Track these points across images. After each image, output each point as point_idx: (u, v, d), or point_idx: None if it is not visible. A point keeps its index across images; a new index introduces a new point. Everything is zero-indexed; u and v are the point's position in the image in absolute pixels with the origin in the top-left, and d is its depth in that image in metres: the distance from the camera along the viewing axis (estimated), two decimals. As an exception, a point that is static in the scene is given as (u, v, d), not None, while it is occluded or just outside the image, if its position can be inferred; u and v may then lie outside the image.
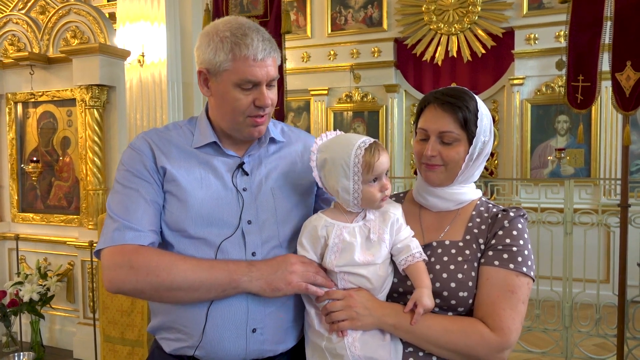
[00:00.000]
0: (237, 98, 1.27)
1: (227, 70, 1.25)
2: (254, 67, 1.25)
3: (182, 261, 1.22)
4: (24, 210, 4.30)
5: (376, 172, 1.23)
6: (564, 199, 3.82)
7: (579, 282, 3.89)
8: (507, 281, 1.21)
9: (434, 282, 1.24)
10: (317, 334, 1.26)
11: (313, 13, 6.73)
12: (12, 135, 4.26)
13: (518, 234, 1.26)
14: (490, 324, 1.19)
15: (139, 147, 1.33)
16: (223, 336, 1.26)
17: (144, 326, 3.26)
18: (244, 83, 1.26)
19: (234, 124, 1.31)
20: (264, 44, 1.26)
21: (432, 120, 1.29)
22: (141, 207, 1.26)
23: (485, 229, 1.29)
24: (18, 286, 3.83)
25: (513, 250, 1.23)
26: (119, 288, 1.23)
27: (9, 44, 4.25)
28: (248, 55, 1.24)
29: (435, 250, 1.28)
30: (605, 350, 3.92)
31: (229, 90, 1.27)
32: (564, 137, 5.70)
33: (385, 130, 6.42)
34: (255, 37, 1.25)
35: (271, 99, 1.30)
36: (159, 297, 1.26)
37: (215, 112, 1.34)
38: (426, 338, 1.20)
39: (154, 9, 4.89)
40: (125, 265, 1.20)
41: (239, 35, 1.25)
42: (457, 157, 1.28)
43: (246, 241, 1.28)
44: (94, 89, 3.81)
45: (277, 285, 1.23)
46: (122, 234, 1.23)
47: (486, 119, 1.29)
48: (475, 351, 1.19)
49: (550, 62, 5.42)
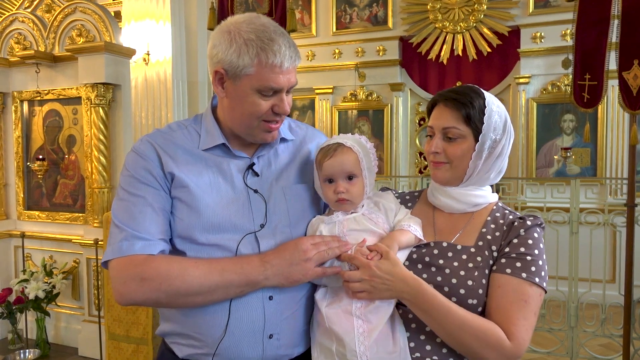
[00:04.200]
0: (256, 103, 1.22)
1: (250, 75, 1.20)
2: (279, 75, 1.20)
3: (194, 267, 1.18)
4: (29, 208, 4.32)
5: (325, 172, 1.28)
6: (570, 199, 3.80)
7: (584, 281, 3.87)
8: (521, 290, 1.18)
9: (442, 287, 1.20)
10: (327, 335, 1.23)
11: (318, 11, 6.72)
12: (18, 134, 4.28)
13: (533, 243, 1.22)
14: (504, 332, 1.15)
15: (143, 151, 1.27)
16: (241, 343, 1.23)
17: (149, 324, 3.27)
18: (265, 90, 1.21)
19: (248, 128, 1.27)
20: (291, 52, 1.21)
21: (437, 117, 1.29)
22: (148, 215, 1.21)
23: (499, 236, 1.25)
24: (24, 284, 3.85)
25: (527, 260, 1.20)
26: (132, 300, 1.19)
27: (15, 43, 4.26)
28: (275, 63, 1.19)
29: (446, 253, 1.25)
30: (611, 350, 3.90)
31: (247, 94, 1.22)
32: (570, 136, 5.67)
33: (390, 129, 6.40)
34: (283, 44, 1.20)
35: (289, 104, 1.26)
36: (176, 304, 1.22)
37: (227, 113, 1.29)
38: (440, 323, 1.16)
39: (159, 7, 4.90)
40: (137, 277, 1.16)
41: (266, 40, 1.19)
42: (461, 154, 1.26)
43: (260, 245, 1.25)
44: (100, 87, 3.82)
45: (294, 277, 1.21)
46: (130, 244, 1.18)
47: (497, 116, 1.27)
48: (486, 353, 1.15)
49: (557, 61, 5.38)
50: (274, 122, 1.27)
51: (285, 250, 1.23)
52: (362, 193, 1.30)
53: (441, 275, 1.22)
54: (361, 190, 1.30)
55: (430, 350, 1.21)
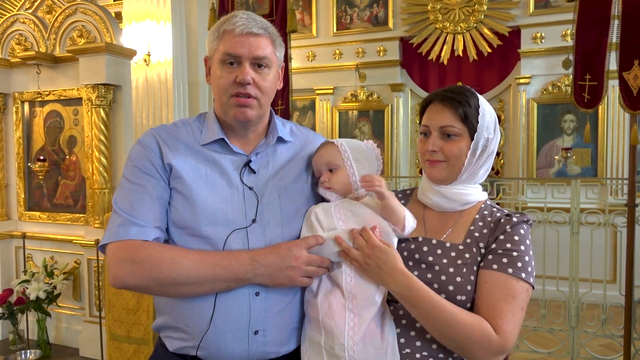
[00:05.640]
0: (220, 75, 1.30)
1: (216, 50, 1.30)
2: (233, 40, 1.27)
3: (185, 257, 1.21)
4: (30, 208, 4.32)
5: (314, 169, 1.39)
6: (571, 199, 3.81)
7: (585, 282, 3.87)
8: (508, 285, 1.19)
9: (432, 283, 1.22)
10: (317, 329, 1.25)
11: (318, 12, 6.72)
12: (19, 134, 4.28)
13: (519, 240, 1.24)
14: (492, 327, 1.17)
15: (146, 142, 1.33)
16: (225, 337, 1.25)
17: (149, 324, 3.27)
18: (225, 57, 1.28)
19: (222, 105, 1.32)
20: (249, 22, 1.29)
21: (433, 116, 1.30)
22: (146, 202, 1.25)
23: (487, 233, 1.27)
24: (25, 284, 3.85)
25: (513, 255, 1.22)
26: (123, 283, 1.23)
27: (16, 44, 4.27)
28: (229, 29, 1.28)
29: (435, 250, 1.27)
30: (611, 350, 3.89)
31: (216, 69, 1.31)
32: (571, 136, 5.67)
33: (390, 129, 6.41)
34: (242, 16, 1.29)
35: (259, 83, 1.29)
36: (165, 292, 1.26)
37: (214, 100, 1.36)
38: (429, 317, 1.18)
39: (159, 8, 4.90)
40: (129, 260, 1.20)
41: (228, 17, 1.31)
42: (458, 152, 1.28)
43: (249, 241, 1.27)
44: (100, 88, 3.82)
45: (280, 281, 1.25)
46: (126, 229, 1.23)
47: (489, 116, 1.29)
48: (473, 348, 1.16)
49: (557, 61, 5.37)
50: (241, 95, 1.29)
51: (277, 253, 1.24)
52: (347, 183, 1.33)
53: (431, 272, 1.24)
54: (345, 180, 1.33)
55: (421, 346, 1.23)
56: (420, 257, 1.27)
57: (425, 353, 1.22)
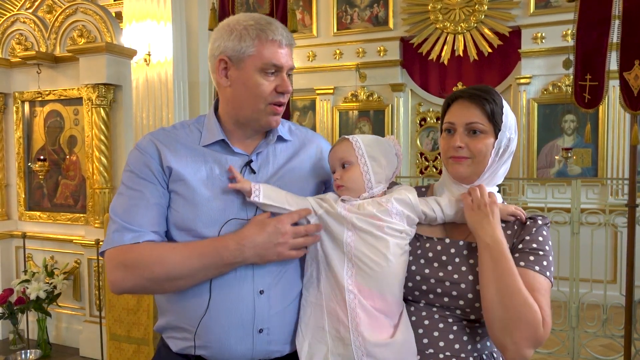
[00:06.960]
0: (260, 83, 1.28)
1: (252, 56, 1.27)
2: (279, 52, 1.28)
3: (172, 252, 1.23)
4: (31, 208, 4.32)
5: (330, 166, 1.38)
6: (571, 199, 3.80)
7: (586, 282, 3.87)
8: (538, 281, 1.20)
9: (444, 281, 1.23)
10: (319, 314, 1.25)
11: (319, 12, 6.72)
12: (20, 134, 4.28)
13: (544, 240, 1.26)
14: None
15: (144, 147, 1.32)
16: (229, 336, 1.25)
17: (149, 324, 3.27)
18: (268, 67, 1.27)
19: (255, 112, 1.31)
20: (287, 33, 1.31)
21: (460, 112, 1.30)
22: (142, 208, 1.26)
23: (510, 234, 1.28)
24: (25, 284, 3.85)
25: (539, 254, 1.23)
26: (120, 288, 1.25)
27: (16, 43, 4.27)
28: (275, 39, 1.28)
29: (449, 250, 1.27)
30: (612, 350, 3.89)
31: (251, 75, 1.28)
32: (571, 136, 5.67)
33: (390, 129, 6.40)
34: (279, 26, 1.31)
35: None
36: (163, 289, 1.27)
37: (232, 103, 1.33)
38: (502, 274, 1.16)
39: (160, 8, 4.91)
40: (120, 265, 1.23)
41: (264, 23, 1.29)
42: (484, 150, 1.27)
43: None
44: (101, 87, 3.82)
45: (269, 259, 1.25)
46: (121, 235, 1.24)
47: (511, 116, 1.30)
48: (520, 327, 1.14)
49: (557, 61, 5.37)
50: (279, 104, 1.32)
51: (264, 231, 1.23)
52: (360, 181, 1.30)
53: (443, 270, 1.25)
54: (358, 178, 1.30)
55: (444, 346, 1.23)
56: (433, 255, 1.28)
57: (448, 353, 1.23)
